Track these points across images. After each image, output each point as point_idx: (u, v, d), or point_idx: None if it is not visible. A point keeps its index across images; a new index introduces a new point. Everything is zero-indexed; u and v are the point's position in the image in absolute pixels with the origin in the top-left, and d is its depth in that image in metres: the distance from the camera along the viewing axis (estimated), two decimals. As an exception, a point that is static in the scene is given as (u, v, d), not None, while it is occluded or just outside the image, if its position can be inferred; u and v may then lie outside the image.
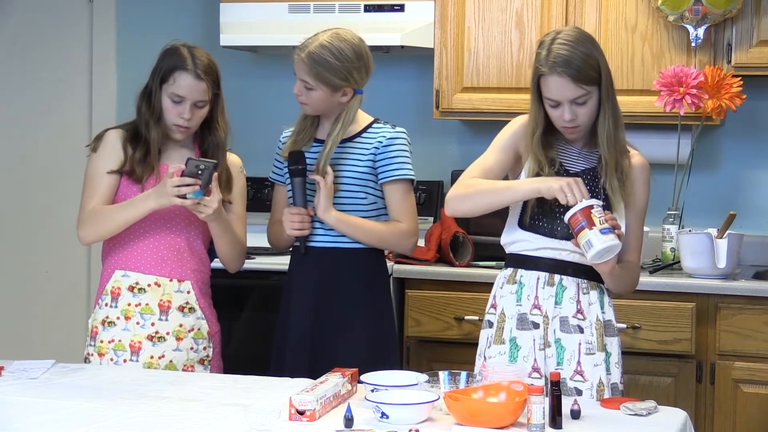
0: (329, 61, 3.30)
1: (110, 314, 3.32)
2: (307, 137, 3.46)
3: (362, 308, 3.38)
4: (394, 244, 3.45)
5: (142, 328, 3.30)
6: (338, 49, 3.31)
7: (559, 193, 2.90)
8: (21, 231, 5.37)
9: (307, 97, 3.36)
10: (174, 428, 2.58)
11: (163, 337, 3.32)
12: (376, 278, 3.44)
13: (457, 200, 3.10)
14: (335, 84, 3.32)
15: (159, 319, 3.32)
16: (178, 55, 3.32)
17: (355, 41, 3.36)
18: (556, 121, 3.04)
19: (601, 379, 3.03)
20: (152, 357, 3.30)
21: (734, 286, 3.94)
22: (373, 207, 3.39)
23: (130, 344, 3.30)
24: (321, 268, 3.39)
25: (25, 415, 2.69)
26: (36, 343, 5.23)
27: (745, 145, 4.50)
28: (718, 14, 4.07)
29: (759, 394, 3.92)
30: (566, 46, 2.97)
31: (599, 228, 2.86)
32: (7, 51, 5.35)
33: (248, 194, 4.86)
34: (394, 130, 3.40)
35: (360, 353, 3.26)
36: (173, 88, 3.30)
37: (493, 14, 4.37)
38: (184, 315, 3.35)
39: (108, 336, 3.31)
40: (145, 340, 3.30)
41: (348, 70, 3.32)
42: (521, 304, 3.09)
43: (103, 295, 3.34)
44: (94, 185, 3.34)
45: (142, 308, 3.31)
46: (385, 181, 3.37)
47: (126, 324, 3.30)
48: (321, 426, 2.59)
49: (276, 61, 5.00)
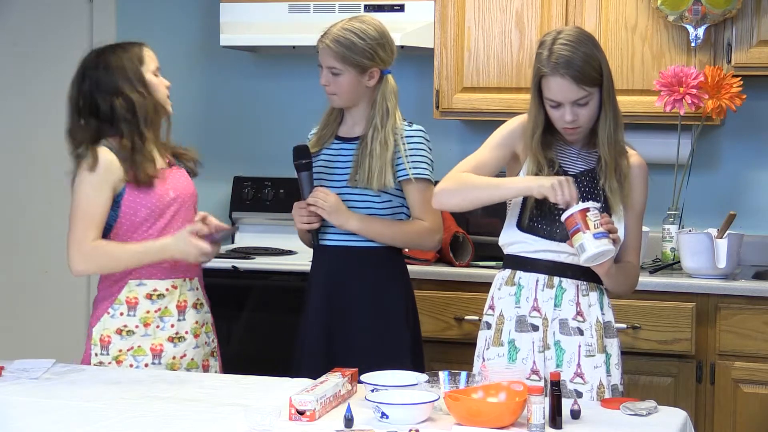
0: (354, 41, 3.31)
1: (128, 323, 3.29)
2: (330, 133, 3.45)
3: (374, 308, 3.36)
4: (419, 243, 3.43)
5: (162, 331, 3.30)
6: (360, 29, 3.34)
7: (550, 191, 2.89)
8: (21, 231, 5.37)
9: (335, 85, 3.35)
10: (174, 428, 2.58)
11: (183, 336, 3.32)
12: (390, 277, 3.41)
13: (446, 194, 3.10)
14: (362, 64, 3.32)
15: (178, 320, 3.32)
16: (122, 48, 3.34)
17: (375, 22, 3.40)
18: (556, 122, 3.04)
19: (602, 381, 3.02)
20: (174, 358, 3.30)
21: (734, 286, 3.94)
22: (387, 205, 3.37)
23: (151, 348, 3.29)
24: (333, 267, 3.38)
25: (25, 415, 2.69)
26: (36, 343, 5.23)
27: (745, 145, 4.50)
28: (718, 14, 4.06)
29: (759, 394, 3.92)
30: (568, 47, 2.96)
31: (593, 232, 2.85)
32: (7, 51, 5.35)
33: (248, 194, 4.90)
34: (412, 128, 3.38)
35: (371, 354, 3.23)
36: (153, 63, 3.34)
37: (493, 14, 4.37)
38: (197, 312, 3.37)
39: (126, 344, 3.28)
40: (166, 342, 3.30)
41: (373, 48, 3.33)
42: (520, 306, 3.08)
43: (115, 305, 3.30)
44: (91, 212, 3.24)
45: (161, 312, 3.30)
46: (403, 179, 3.35)
47: (146, 330, 3.29)
48: (321, 426, 2.59)
49: (276, 61, 5.01)
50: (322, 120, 3.49)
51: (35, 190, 5.34)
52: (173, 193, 3.33)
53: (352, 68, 3.33)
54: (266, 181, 4.90)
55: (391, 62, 3.41)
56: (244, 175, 4.96)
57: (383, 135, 3.33)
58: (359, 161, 3.35)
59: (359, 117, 3.41)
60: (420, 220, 3.37)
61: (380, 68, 3.37)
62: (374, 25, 3.38)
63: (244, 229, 4.88)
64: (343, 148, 3.42)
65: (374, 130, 3.34)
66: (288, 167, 4.95)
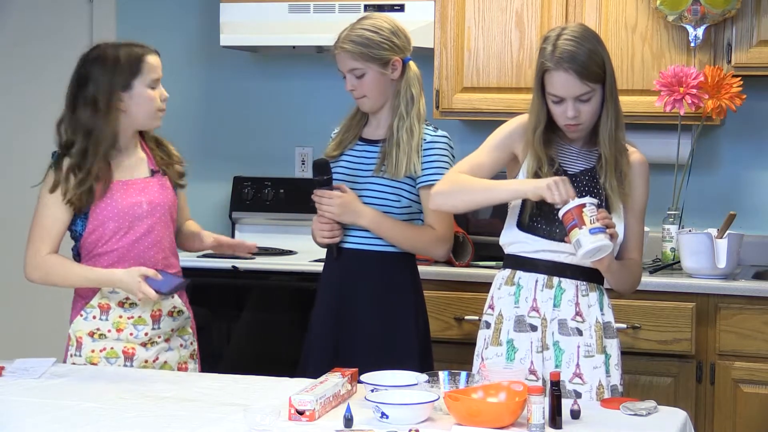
0: (368, 36, 3.31)
1: (101, 326, 3.27)
2: (352, 136, 3.43)
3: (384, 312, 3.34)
4: (427, 250, 3.40)
5: (135, 338, 3.28)
6: (371, 24, 3.35)
7: (546, 192, 2.88)
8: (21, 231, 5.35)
9: (361, 87, 3.33)
10: (174, 428, 2.58)
11: (155, 341, 3.30)
12: (402, 282, 3.39)
13: (442, 196, 3.10)
14: (383, 57, 3.32)
15: (152, 329, 3.29)
16: (126, 51, 3.24)
17: (382, 16, 3.41)
18: (558, 118, 3.03)
19: (601, 382, 3.02)
20: (146, 361, 3.28)
21: (734, 286, 3.94)
22: (406, 210, 3.35)
23: (123, 351, 3.26)
24: (345, 269, 3.37)
25: (25, 415, 2.69)
26: (36, 343, 5.22)
27: (745, 145, 4.50)
28: (717, 14, 4.06)
29: (759, 394, 3.92)
30: (572, 42, 2.96)
31: (589, 228, 2.85)
32: (7, 51, 5.35)
33: (248, 194, 4.90)
34: (436, 133, 3.36)
35: (380, 358, 3.19)
36: (151, 74, 3.25)
37: (493, 14, 4.37)
38: (174, 319, 3.34)
39: (99, 346, 3.27)
40: (138, 346, 3.27)
41: (388, 38, 3.33)
42: (519, 306, 3.08)
43: (87, 308, 3.28)
44: (47, 226, 3.26)
45: (135, 320, 3.27)
46: (422, 186, 3.33)
47: (118, 335, 3.27)
48: (321, 426, 2.59)
49: (276, 61, 5.01)
50: (344, 123, 3.46)
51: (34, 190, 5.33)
52: (147, 206, 3.27)
53: (373, 64, 3.32)
54: (266, 181, 4.90)
55: (410, 50, 3.40)
56: (244, 175, 4.96)
57: (409, 123, 3.31)
58: (386, 151, 3.33)
59: (384, 119, 3.39)
60: (431, 228, 3.35)
61: (401, 57, 3.36)
62: (382, 18, 3.39)
63: (244, 229, 4.88)
64: (366, 150, 3.40)
65: (399, 119, 3.33)
66: (288, 167, 5.00)
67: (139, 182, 3.29)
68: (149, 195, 3.29)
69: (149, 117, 3.28)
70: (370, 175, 3.35)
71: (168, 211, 3.33)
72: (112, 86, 3.21)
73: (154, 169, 3.35)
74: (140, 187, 3.29)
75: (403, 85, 3.36)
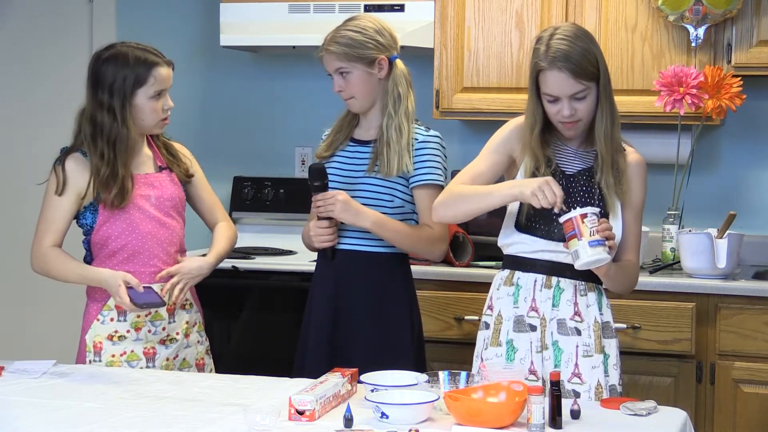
0: (351, 35, 3.32)
1: (119, 328, 3.30)
2: (343, 137, 3.44)
3: (378, 312, 3.35)
4: (425, 250, 3.40)
5: (154, 335, 3.31)
6: (355, 25, 3.36)
7: (532, 200, 2.89)
8: (21, 231, 5.35)
9: (348, 86, 3.34)
10: (174, 428, 2.58)
11: (174, 338, 3.34)
12: (396, 282, 3.39)
13: (442, 208, 3.11)
14: (367, 56, 3.32)
15: (169, 323, 3.33)
16: (137, 57, 3.26)
17: (368, 17, 3.43)
18: (553, 117, 3.04)
19: (599, 382, 3.02)
20: (168, 359, 3.32)
21: (734, 286, 3.94)
22: (399, 210, 3.35)
23: (144, 352, 3.30)
24: (340, 270, 3.37)
25: (25, 415, 2.69)
26: (36, 343, 5.23)
27: (745, 145, 4.50)
28: (718, 14, 4.06)
29: (759, 394, 3.92)
30: (565, 41, 2.97)
31: (588, 240, 2.85)
32: (7, 51, 5.35)
33: (248, 194, 4.90)
34: (428, 133, 3.37)
35: (374, 357, 3.20)
36: (155, 86, 3.27)
37: (493, 14, 4.37)
38: (187, 312, 3.39)
39: (119, 350, 3.29)
40: (158, 345, 3.31)
41: (372, 37, 3.33)
42: (518, 306, 3.08)
43: (104, 311, 3.30)
44: (50, 219, 3.30)
45: (151, 317, 3.31)
46: (415, 185, 3.34)
47: (137, 335, 3.30)
48: (320, 426, 2.59)
49: (276, 61, 5.01)
50: (335, 124, 3.47)
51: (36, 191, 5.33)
52: (155, 200, 3.33)
53: (358, 63, 3.33)
54: (266, 181, 4.90)
55: (396, 49, 3.40)
56: (244, 175, 4.96)
57: (397, 121, 3.32)
58: (378, 151, 3.33)
59: (374, 120, 3.40)
60: (428, 227, 3.35)
61: (386, 56, 3.36)
62: (368, 18, 3.40)
63: (244, 229, 4.88)
64: (358, 150, 3.41)
65: (388, 118, 3.34)
66: (288, 167, 5.00)
67: (148, 177, 3.35)
68: (158, 189, 3.35)
69: (149, 126, 3.34)
70: (362, 176, 3.36)
71: (176, 205, 3.38)
72: (125, 86, 3.26)
73: (161, 166, 3.39)
74: (148, 181, 3.34)
75: (390, 83, 3.36)
